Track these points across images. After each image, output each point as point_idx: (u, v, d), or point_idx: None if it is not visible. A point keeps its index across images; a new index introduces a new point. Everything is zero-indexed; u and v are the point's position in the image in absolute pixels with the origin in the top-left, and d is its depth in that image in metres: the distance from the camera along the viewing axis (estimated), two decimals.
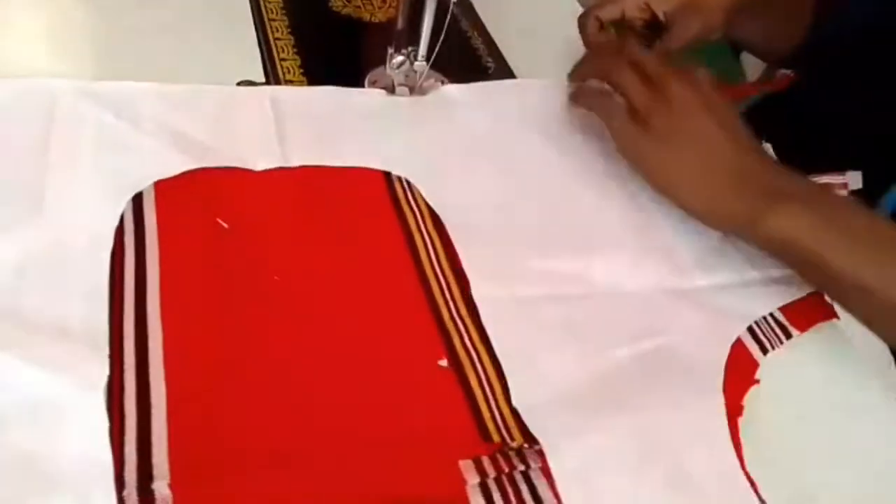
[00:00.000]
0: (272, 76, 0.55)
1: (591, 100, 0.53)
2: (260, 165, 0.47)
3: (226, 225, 0.43)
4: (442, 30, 0.53)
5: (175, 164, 0.45)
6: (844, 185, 0.50)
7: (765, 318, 0.46)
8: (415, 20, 0.54)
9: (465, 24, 0.68)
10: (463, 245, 0.45)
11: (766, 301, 0.47)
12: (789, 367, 0.44)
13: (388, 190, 0.48)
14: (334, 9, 0.64)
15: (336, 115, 0.53)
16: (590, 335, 0.42)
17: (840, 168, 0.51)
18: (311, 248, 0.43)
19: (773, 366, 0.43)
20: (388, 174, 0.49)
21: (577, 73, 0.55)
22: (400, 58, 0.55)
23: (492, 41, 0.67)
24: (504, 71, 0.64)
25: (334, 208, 0.46)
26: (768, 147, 0.54)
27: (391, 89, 0.56)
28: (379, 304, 0.41)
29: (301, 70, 0.56)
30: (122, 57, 0.54)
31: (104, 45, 0.55)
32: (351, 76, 0.57)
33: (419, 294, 0.42)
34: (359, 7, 0.65)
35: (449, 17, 0.54)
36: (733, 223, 0.46)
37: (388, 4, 0.66)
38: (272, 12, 0.61)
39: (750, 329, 0.44)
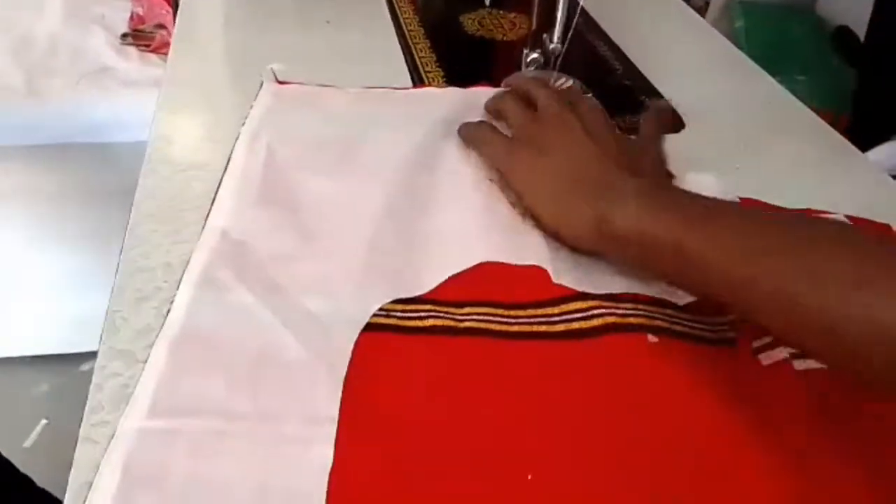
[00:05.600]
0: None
1: (470, 131, 0.52)
2: None
3: None
4: (570, 30, 0.58)
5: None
6: None
7: None
8: (547, 23, 0.58)
9: (590, 37, 0.72)
10: None
11: None
12: None
13: None
14: (468, 31, 0.70)
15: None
16: None
17: None
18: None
19: None
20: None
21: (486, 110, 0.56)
22: (535, 55, 0.59)
23: (618, 48, 0.70)
24: (632, 72, 0.66)
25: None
26: None
27: None
28: None
29: (445, 81, 0.62)
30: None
31: None
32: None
33: None
34: (490, 30, 0.71)
35: (577, 16, 0.58)
36: (583, 230, 0.43)
37: (517, 26, 0.72)
38: (415, 37, 0.68)
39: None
